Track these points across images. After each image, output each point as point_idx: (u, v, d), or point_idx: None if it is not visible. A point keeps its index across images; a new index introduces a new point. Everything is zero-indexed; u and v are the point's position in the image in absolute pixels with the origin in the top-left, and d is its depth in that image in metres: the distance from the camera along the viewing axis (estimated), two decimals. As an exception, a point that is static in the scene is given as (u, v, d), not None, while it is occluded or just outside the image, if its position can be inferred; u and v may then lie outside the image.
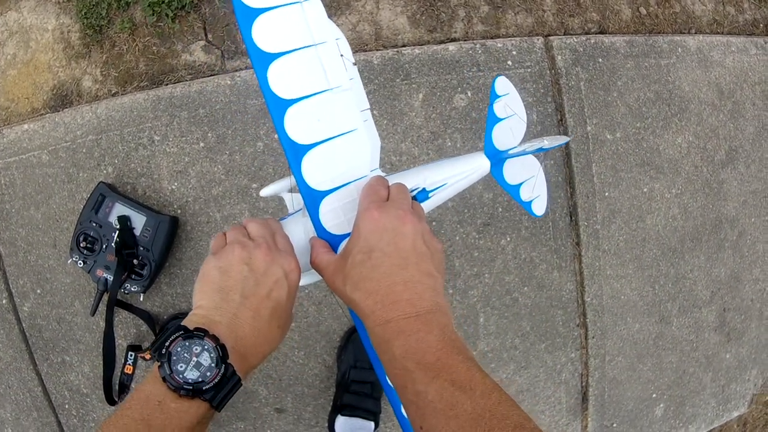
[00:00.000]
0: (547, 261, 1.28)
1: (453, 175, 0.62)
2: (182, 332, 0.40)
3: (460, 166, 0.63)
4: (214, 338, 0.41)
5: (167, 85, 1.14)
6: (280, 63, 0.50)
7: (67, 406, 1.23)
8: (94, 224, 1.12)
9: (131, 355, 1.20)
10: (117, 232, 1.12)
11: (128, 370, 1.22)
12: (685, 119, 1.36)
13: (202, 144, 1.14)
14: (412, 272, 0.43)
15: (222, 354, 0.40)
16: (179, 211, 1.15)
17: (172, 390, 0.39)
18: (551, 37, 1.30)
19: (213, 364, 0.40)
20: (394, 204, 0.47)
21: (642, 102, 1.33)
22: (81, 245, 1.10)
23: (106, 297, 1.11)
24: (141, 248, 1.14)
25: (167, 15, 1.10)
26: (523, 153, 0.66)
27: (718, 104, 1.40)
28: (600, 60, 1.30)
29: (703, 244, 1.40)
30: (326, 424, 1.14)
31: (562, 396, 1.32)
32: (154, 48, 1.13)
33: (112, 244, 1.13)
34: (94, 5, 1.11)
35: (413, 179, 0.59)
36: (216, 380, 0.40)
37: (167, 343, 0.40)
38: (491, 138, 0.67)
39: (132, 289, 1.15)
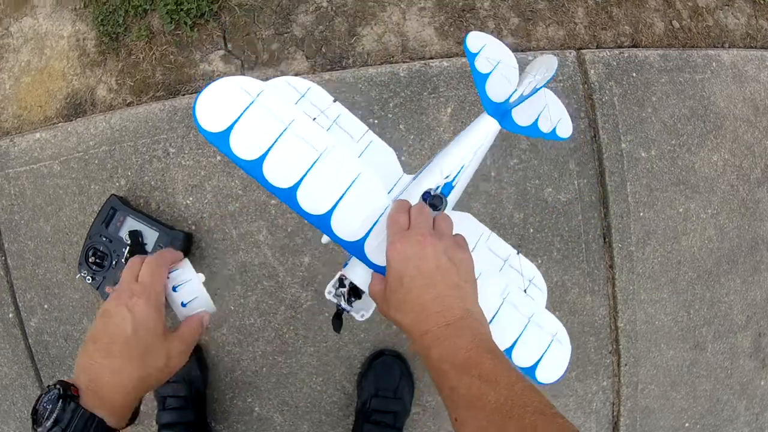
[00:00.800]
0: (580, 285, 1.03)
1: (467, 152, 0.57)
2: (48, 387, 0.41)
3: (470, 139, 0.58)
4: (61, 382, 0.41)
5: (184, 95, 0.93)
6: (269, 161, 0.48)
7: None
8: (104, 239, 0.96)
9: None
10: (127, 247, 0.95)
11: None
12: (720, 136, 1.12)
13: (219, 158, 0.92)
14: (439, 288, 0.43)
15: (62, 392, 0.40)
16: (193, 228, 0.98)
17: None
18: (583, 51, 1.07)
19: (64, 412, 0.39)
20: (414, 231, 0.46)
21: (677, 118, 1.09)
22: (90, 260, 0.95)
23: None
24: None
25: (186, 23, 0.90)
26: (524, 98, 0.59)
27: (753, 120, 1.16)
28: (634, 74, 1.06)
29: (739, 266, 1.15)
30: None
31: (592, 426, 1.07)
32: (171, 57, 0.92)
33: (123, 260, 0.95)
34: (110, 12, 0.91)
35: (432, 178, 0.55)
36: (53, 415, 0.39)
37: (37, 399, 0.41)
38: (487, 95, 0.60)
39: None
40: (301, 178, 0.49)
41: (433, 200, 0.55)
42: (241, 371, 1.02)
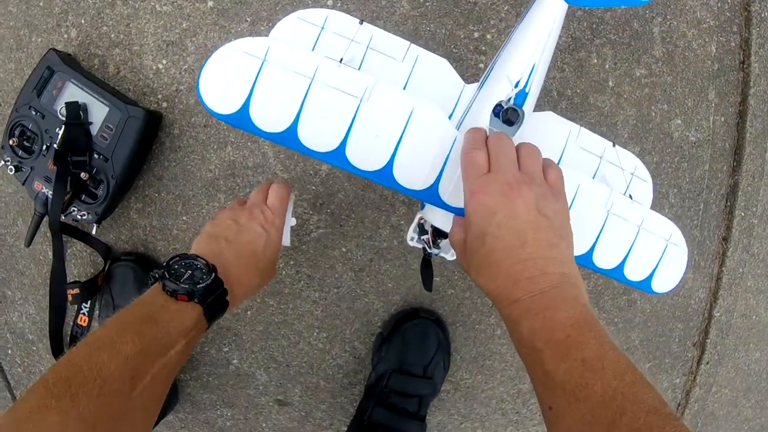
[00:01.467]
0: None
1: (535, 47, 0.43)
2: (179, 256, 0.41)
3: (534, 29, 0.43)
4: (205, 260, 0.41)
5: None
6: (304, 126, 0.38)
7: (9, 351, 0.74)
8: (34, 113, 0.58)
9: (85, 305, 0.67)
10: (62, 126, 0.57)
11: (82, 321, 0.69)
12: None
13: (210, 3, 0.55)
14: (530, 250, 0.33)
15: (210, 268, 0.40)
16: (164, 105, 0.63)
17: (170, 295, 0.38)
18: None
19: (204, 276, 0.39)
20: (497, 175, 0.35)
21: None
22: (14, 142, 0.58)
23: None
24: (97, 156, 0.59)
25: None
26: None
27: None
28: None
29: None
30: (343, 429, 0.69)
31: None
32: None
33: (54, 145, 0.58)
34: None
35: (500, 89, 0.43)
36: (206, 283, 0.38)
37: (168, 262, 0.40)
38: None
39: (80, 215, 0.61)
40: (347, 134, 0.39)
41: (508, 115, 0.42)
42: (217, 310, 0.63)
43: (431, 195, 0.41)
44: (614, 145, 0.52)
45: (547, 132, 0.51)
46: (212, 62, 0.37)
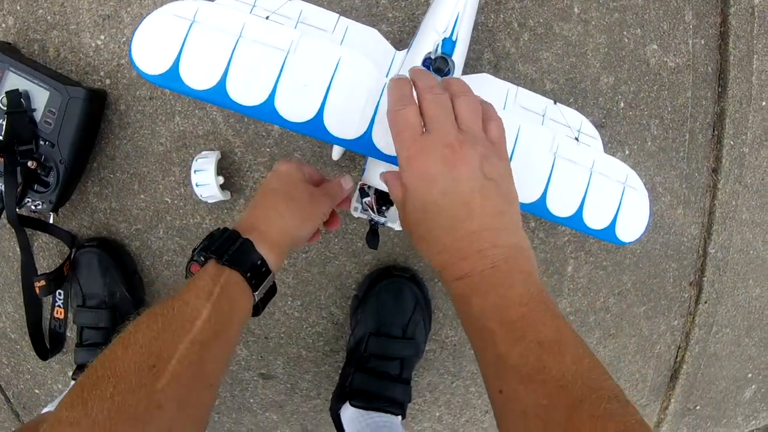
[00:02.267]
0: (673, 191, 0.59)
1: None
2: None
3: None
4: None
5: None
6: (232, 81, 0.38)
7: None
8: None
9: (60, 294, 0.65)
10: (5, 116, 0.54)
11: (59, 313, 0.66)
12: None
13: None
14: (478, 221, 0.29)
15: (225, 229, 0.35)
16: (108, 81, 0.59)
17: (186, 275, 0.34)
18: None
19: (220, 235, 0.34)
20: (435, 136, 0.30)
21: None
22: None
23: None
24: (43, 142, 0.56)
25: None
26: None
27: None
28: None
29: None
30: (329, 403, 0.62)
31: (649, 373, 0.71)
32: None
33: (0, 137, 0.54)
34: None
35: (427, 40, 0.42)
36: (219, 242, 0.33)
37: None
38: None
39: (35, 206, 0.59)
40: (275, 87, 0.38)
41: (437, 64, 0.42)
42: (187, 288, 0.60)
43: (365, 144, 0.39)
44: (555, 103, 0.51)
45: (484, 94, 0.50)
46: (143, 26, 0.38)
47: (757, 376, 0.91)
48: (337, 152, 0.56)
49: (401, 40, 0.57)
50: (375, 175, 0.43)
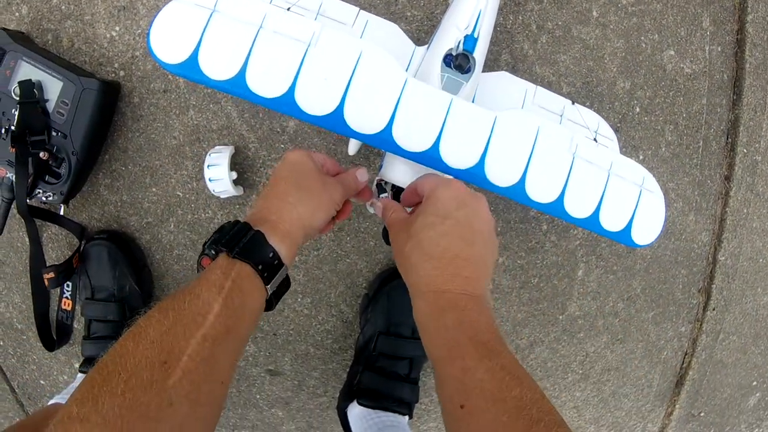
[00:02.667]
0: (686, 198, 0.58)
1: None
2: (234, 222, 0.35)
3: None
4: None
5: None
6: (252, 72, 0.37)
7: (1, 343, 0.71)
8: None
9: (68, 285, 0.64)
10: (17, 107, 0.53)
11: (66, 304, 0.65)
12: None
13: None
14: (477, 252, 0.33)
15: (236, 222, 0.34)
16: (122, 73, 0.58)
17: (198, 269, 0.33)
18: None
19: (231, 228, 0.34)
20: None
21: None
22: None
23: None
24: (55, 133, 0.55)
25: None
26: None
27: None
28: None
29: None
30: (337, 398, 0.61)
31: (655, 378, 0.71)
32: None
33: (12, 128, 0.53)
34: None
35: (449, 37, 0.42)
36: (229, 234, 0.33)
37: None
38: None
39: (46, 197, 0.58)
40: (295, 79, 0.37)
41: (458, 61, 0.42)
42: (197, 283, 0.60)
43: (385, 139, 0.38)
44: (573, 103, 0.50)
45: (503, 92, 0.49)
46: (163, 14, 0.37)
47: (762, 384, 0.91)
48: (353, 147, 0.55)
49: (419, 38, 0.56)
50: (393, 170, 0.43)
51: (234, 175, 0.55)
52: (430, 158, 0.40)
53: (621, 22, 0.61)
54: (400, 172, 0.42)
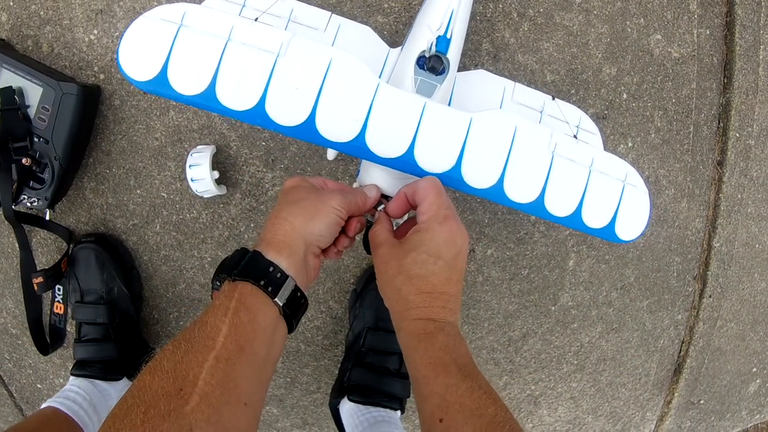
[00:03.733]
0: (677, 184, 0.57)
1: None
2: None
3: None
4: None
5: None
6: (222, 85, 0.37)
7: None
8: None
9: (59, 289, 0.64)
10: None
11: (58, 308, 0.65)
12: None
13: None
14: (455, 289, 0.36)
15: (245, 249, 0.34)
16: (102, 76, 0.58)
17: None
18: None
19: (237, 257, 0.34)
20: (459, 218, 0.37)
21: None
22: None
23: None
24: (37, 139, 0.55)
25: None
26: None
27: None
28: None
29: None
30: (329, 395, 0.61)
31: (652, 367, 0.69)
32: None
33: None
34: None
35: (421, 39, 0.42)
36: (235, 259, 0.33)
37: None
38: None
39: (31, 202, 0.58)
40: (265, 91, 0.37)
41: (431, 63, 0.41)
42: (186, 284, 0.60)
43: (359, 147, 0.38)
44: (554, 99, 0.49)
45: (481, 91, 0.48)
46: (130, 32, 0.37)
47: (762, 370, 0.89)
48: (331, 153, 0.54)
49: (397, 31, 0.55)
50: (369, 176, 0.42)
51: (216, 174, 0.55)
52: (405, 163, 0.39)
53: (605, 6, 0.59)
54: (376, 178, 0.42)
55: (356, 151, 0.38)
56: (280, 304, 0.32)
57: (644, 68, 0.62)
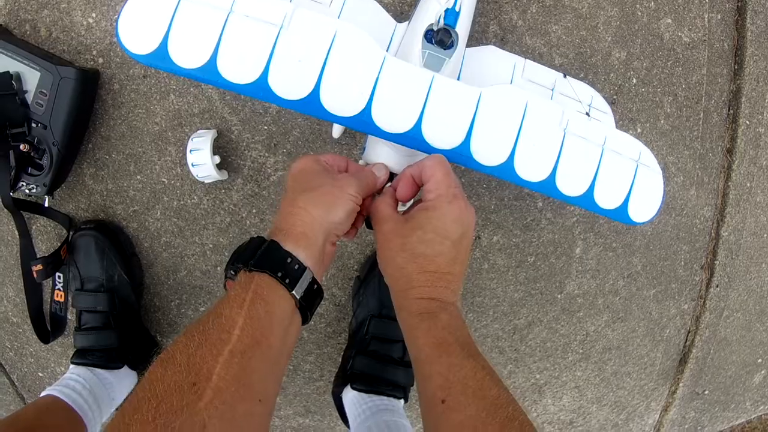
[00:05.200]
0: (686, 172, 0.55)
1: None
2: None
3: None
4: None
5: None
6: (223, 58, 0.36)
7: None
8: None
9: (59, 277, 0.63)
10: None
11: (59, 296, 0.64)
12: None
13: None
14: (459, 270, 0.35)
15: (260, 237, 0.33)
16: (100, 60, 0.56)
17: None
18: None
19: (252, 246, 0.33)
20: (466, 197, 0.36)
21: None
22: None
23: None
24: (35, 124, 0.53)
25: None
26: None
27: None
28: None
29: None
30: (332, 384, 0.61)
31: (657, 356, 0.69)
32: None
33: None
34: None
35: (429, 11, 0.40)
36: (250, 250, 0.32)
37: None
38: None
39: (29, 189, 0.56)
40: (268, 63, 0.36)
41: (439, 36, 0.40)
42: (187, 271, 0.59)
43: (364, 121, 0.37)
44: (565, 76, 0.48)
45: (490, 68, 0.47)
46: (129, 5, 0.36)
47: (767, 361, 0.89)
48: (337, 130, 0.53)
49: (402, 12, 0.54)
50: (376, 153, 0.41)
51: (217, 159, 0.54)
52: (413, 139, 0.38)
53: (615, -12, 0.58)
54: (383, 155, 0.40)
55: (362, 126, 0.37)
56: (297, 297, 0.31)
57: (654, 53, 0.60)
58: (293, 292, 0.31)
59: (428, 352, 0.31)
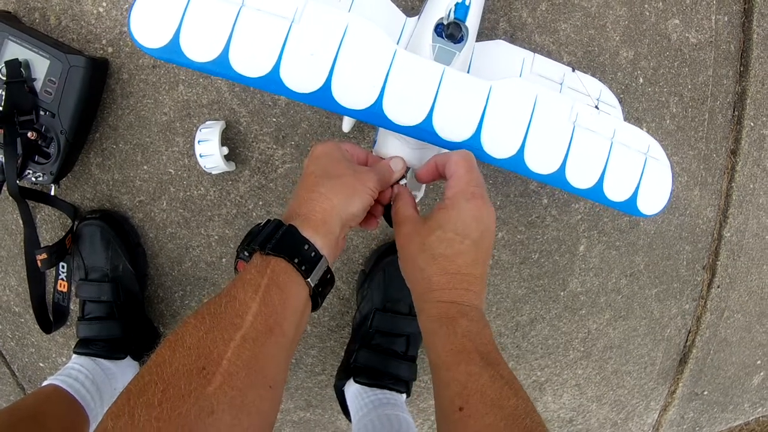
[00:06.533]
0: (690, 172, 0.56)
1: None
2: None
3: None
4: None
5: None
6: (235, 52, 0.36)
7: (0, 327, 0.69)
8: None
9: (63, 267, 0.62)
10: (4, 86, 0.51)
11: (62, 286, 0.64)
12: None
13: None
14: (480, 271, 0.34)
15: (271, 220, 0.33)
16: (110, 50, 0.56)
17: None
18: None
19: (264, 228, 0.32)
20: (487, 196, 0.35)
21: None
22: None
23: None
24: (43, 112, 0.53)
25: None
26: None
27: None
28: None
29: None
30: (334, 377, 0.60)
31: (658, 356, 0.70)
32: None
33: None
34: None
35: (439, 5, 0.41)
36: (264, 234, 0.31)
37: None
38: None
39: (36, 177, 0.56)
40: (279, 57, 0.36)
41: (450, 30, 0.40)
42: (192, 262, 0.59)
43: (376, 114, 0.37)
44: (574, 70, 0.48)
45: (500, 62, 0.47)
46: (141, 1, 0.36)
47: (767, 363, 0.89)
48: (347, 124, 0.53)
49: (413, 7, 0.54)
50: (387, 146, 0.41)
51: (225, 150, 0.54)
52: (424, 132, 0.38)
53: (624, -13, 0.58)
54: (393, 148, 0.41)
55: (373, 119, 0.37)
56: (312, 285, 0.31)
57: (661, 53, 0.61)
58: (308, 279, 0.30)
59: (446, 359, 0.31)
